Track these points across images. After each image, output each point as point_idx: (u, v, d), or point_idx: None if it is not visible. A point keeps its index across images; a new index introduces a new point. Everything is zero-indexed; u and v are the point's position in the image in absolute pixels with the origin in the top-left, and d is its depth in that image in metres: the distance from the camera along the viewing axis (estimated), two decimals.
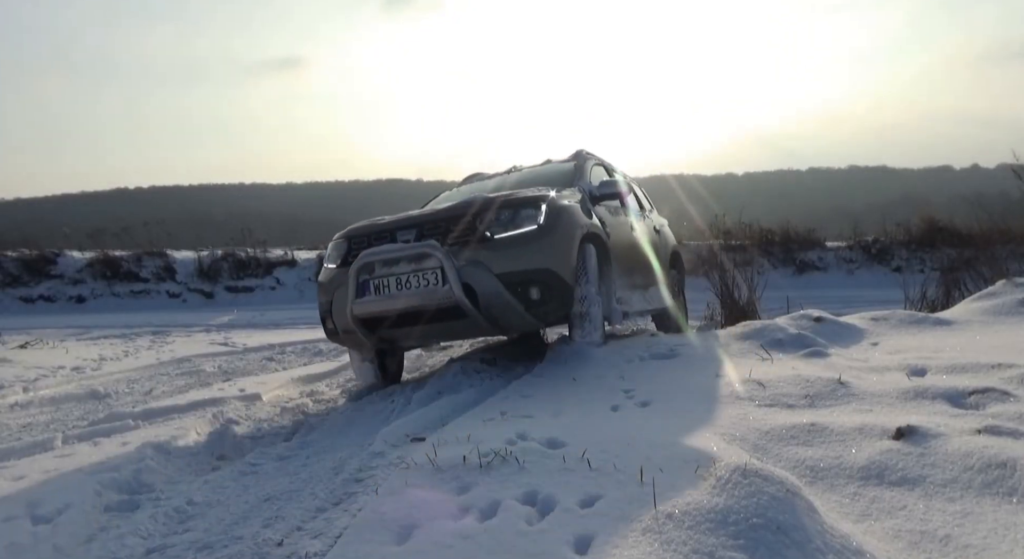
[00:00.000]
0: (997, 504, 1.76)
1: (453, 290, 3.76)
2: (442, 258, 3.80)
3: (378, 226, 4.27)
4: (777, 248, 15.48)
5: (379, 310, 3.99)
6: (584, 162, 5.55)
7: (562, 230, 4.05)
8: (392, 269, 3.95)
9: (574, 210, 4.31)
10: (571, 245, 4.07)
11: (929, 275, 7.80)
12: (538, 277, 3.85)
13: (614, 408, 2.87)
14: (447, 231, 3.99)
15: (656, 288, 6.08)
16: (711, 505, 1.59)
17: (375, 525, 1.70)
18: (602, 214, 4.89)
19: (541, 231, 3.96)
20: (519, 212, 4.02)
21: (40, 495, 2.45)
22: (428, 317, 3.92)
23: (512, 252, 3.86)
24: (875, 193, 60.79)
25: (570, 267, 4.00)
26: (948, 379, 2.84)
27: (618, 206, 5.50)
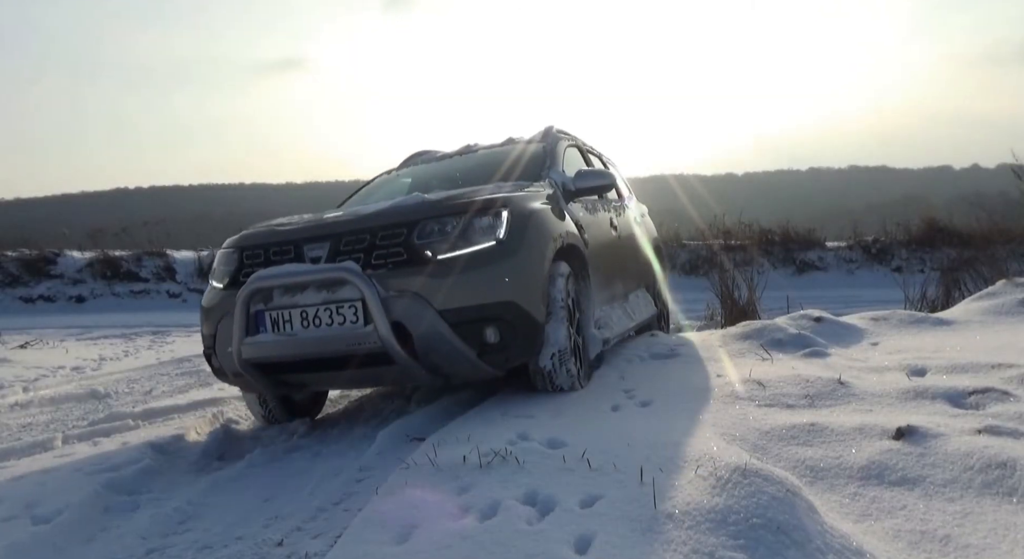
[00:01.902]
0: (997, 504, 1.76)
1: (379, 331, 2.77)
2: (363, 287, 2.79)
3: (280, 235, 3.20)
4: (777, 248, 15.47)
5: (277, 355, 2.99)
6: (555, 143, 4.40)
7: (530, 245, 3.07)
8: (296, 298, 2.94)
9: (545, 216, 3.33)
10: (541, 266, 3.10)
11: (929, 275, 7.80)
12: (496, 313, 2.87)
13: (614, 408, 2.87)
14: (372, 247, 2.96)
15: (638, 295, 5.11)
16: (711, 505, 1.59)
17: (375, 525, 1.70)
18: (578, 213, 3.90)
19: (502, 248, 2.96)
20: (472, 222, 2.98)
21: (40, 495, 2.45)
22: (346, 364, 2.95)
23: (462, 279, 2.85)
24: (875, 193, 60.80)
25: (539, 296, 3.04)
26: (948, 379, 2.84)
27: (595, 200, 4.47)
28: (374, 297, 2.79)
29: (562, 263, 3.37)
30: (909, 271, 12.77)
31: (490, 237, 2.98)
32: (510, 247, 2.99)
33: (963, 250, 10.19)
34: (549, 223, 3.34)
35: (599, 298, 4.01)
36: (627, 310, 4.59)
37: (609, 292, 4.30)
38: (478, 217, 3.01)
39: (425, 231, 2.97)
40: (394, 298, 2.83)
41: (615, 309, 4.37)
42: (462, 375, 3.07)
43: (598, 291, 3.98)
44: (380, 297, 2.80)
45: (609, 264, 4.32)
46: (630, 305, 4.73)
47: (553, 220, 3.41)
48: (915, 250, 15.09)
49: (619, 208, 5.04)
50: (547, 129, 4.64)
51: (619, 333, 4.18)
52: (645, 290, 5.36)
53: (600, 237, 4.21)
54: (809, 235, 15.98)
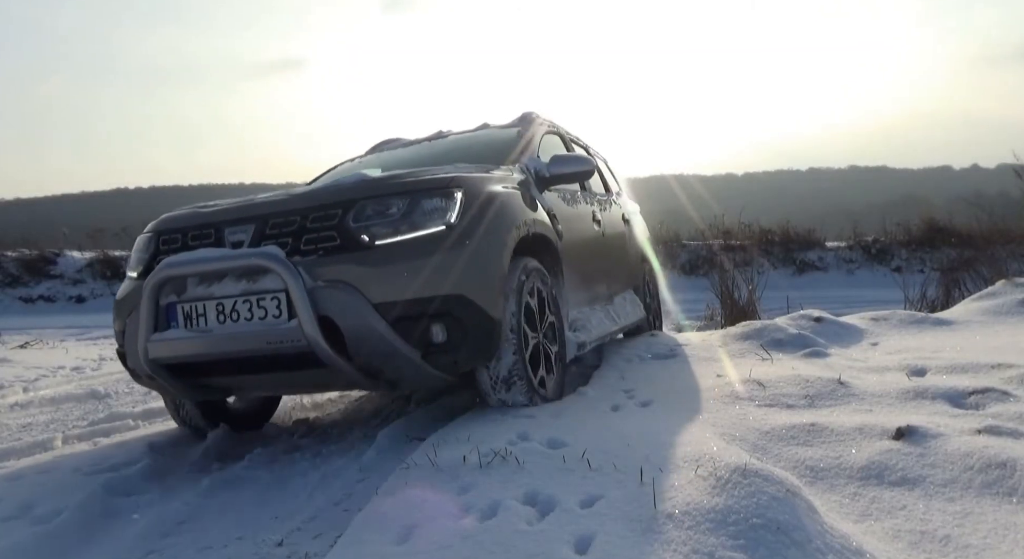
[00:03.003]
0: (997, 504, 1.76)
1: (303, 328, 2.42)
2: (286, 276, 2.45)
3: (200, 217, 2.86)
4: (777, 248, 15.48)
5: (189, 354, 2.65)
6: (531, 129, 4.03)
7: (486, 232, 2.71)
8: (212, 289, 2.60)
9: (507, 200, 2.96)
10: (499, 256, 2.74)
11: (929, 275, 7.81)
12: (444, 308, 2.51)
13: (614, 408, 2.87)
14: (302, 230, 2.62)
15: (625, 298, 4.73)
16: (711, 505, 1.59)
17: (375, 525, 1.70)
18: (553, 203, 3.53)
19: (452, 234, 2.60)
20: (419, 203, 2.63)
21: (39, 495, 2.45)
22: (269, 365, 2.62)
23: (403, 268, 2.51)
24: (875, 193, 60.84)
25: (495, 290, 2.67)
26: (948, 379, 2.84)
27: (576, 192, 4.10)
28: (298, 287, 2.44)
29: (528, 257, 3.03)
30: (909, 271, 12.78)
31: (439, 221, 2.61)
32: (462, 233, 2.62)
33: (963, 250, 10.19)
34: (512, 209, 2.96)
35: (576, 298, 3.70)
36: (610, 313, 4.23)
37: (589, 292, 3.98)
38: (426, 198, 2.64)
39: (363, 213, 2.61)
40: (322, 289, 2.48)
41: (596, 311, 4.01)
42: (408, 380, 2.70)
43: (575, 290, 3.66)
44: (306, 287, 2.46)
45: (590, 262, 3.99)
46: (615, 307, 4.37)
47: (517, 206, 3.03)
48: (915, 250, 15.10)
49: (605, 202, 4.67)
50: (525, 114, 4.28)
51: (598, 337, 3.81)
52: (634, 292, 5.04)
53: (580, 231, 3.86)
54: (809, 235, 15.99)
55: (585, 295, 3.88)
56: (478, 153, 3.69)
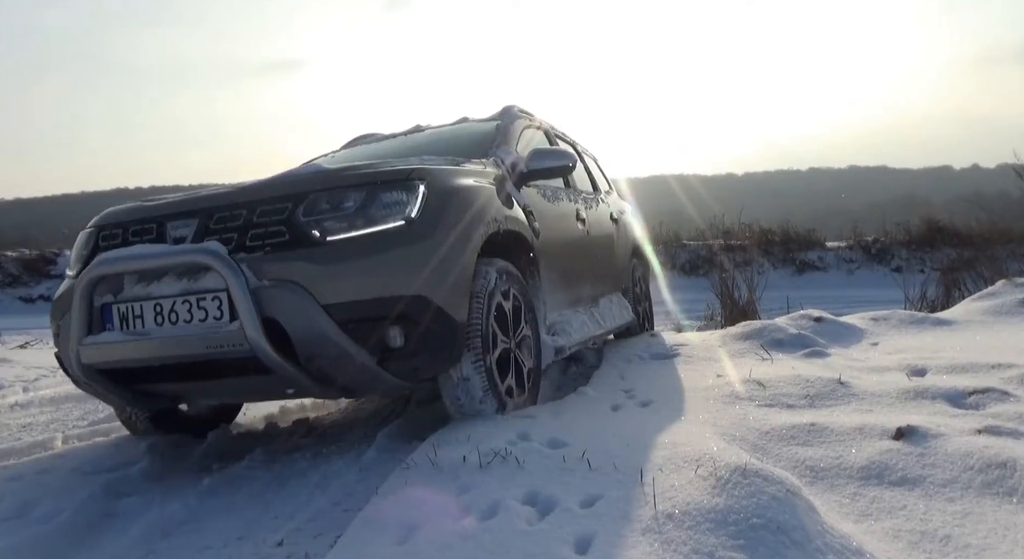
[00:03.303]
0: (997, 504, 1.76)
1: (245, 331, 2.24)
2: (227, 274, 2.27)
3: (143, 211, 2.69)
4: (777, 248, 15.49)
5: (124, 358, 2.47)
6: (511, 123, 3.82)
7: (451, 229, 2.54)
8: (151, 289, 2.43)
9: (475, 194, 2.78)
10: (464, 254, 2.56)
11: (929, 275, 7.81)
12: (402, 310, 2.34)
13: (614, 408, 2.87)
14: (249, 225, 2.44)
15: (611, 300, 4.53)
16: (711, 505, 1.59)
17: (375, 525, 1.70)
18: (532, 200, 3.37)
19: (413, 230, 2.43)
20: (377, 196, 2.45)
21: (39, 496, 2.45)
22: (212, 372, 2.45)
23: (357, 266, 2.34)
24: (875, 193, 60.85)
25: (459, 291, 2.51)
26: (948, 379, 2.84)
27: (559, 188, 3.96)
28: (240, 286, 2.25)
29: (500, 257, 2.88)
30: (909, 271, 12.78)
31: (398, 216, 2.43)
32: (424, 229, 2.45)
33: (963, 250, 10.20)
34: (480, 203, 2.76)
35: (556, 299, 3.52)
36: (594, 315, 4.05)
37: (571, 293, 3.81)
38: (385, 191, 2.46)
39: (315, 206, 2.43)
40: (268, 289, 2.29)
41: (578, 314, 3.84)
42: (363, 388, 2.56)
43: (555, 291, 3.49)
44: (249, 287, 2.26)
45: (572, 262, 3.81)
46: (599, 310, 4.20)
47: (486, 201, 2.83)
48: (915, 250, 15.11)
49: (591, 201, 4.50)
50: (506, 107, 4.08)
51: (579, 341, 3.64)
52: (622, 295, 4.86)
53: (560, 230, 3.68)
54: (809, 235, 16.01)
55: (566, 297, 3.72)
56: (455, 147, 3.54)
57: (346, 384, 2.44)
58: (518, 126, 3.85)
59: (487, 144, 3.52)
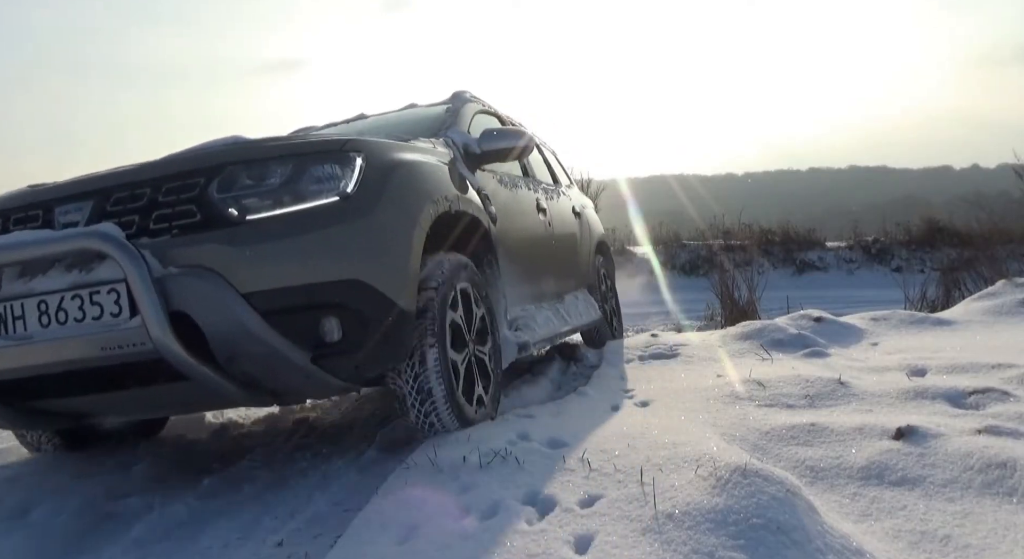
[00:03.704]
0: (997, 504, 1.76)
1: (148, 328, 1.90)
2: (125, 260, 1.91)
3: (31, 196, 2.33)
4: (777, 248, 15.48)
5: (3, 369, 2.11)
6: (462, 105, 3.59)
7: (393, 206, 2.27)
8: (33, 284, 2.07)
9: (421, 170, 2.53)
10: (409, 234, 2.30)
11: (929, 275, 7.82)
12: (337, 297, 2.07)
13: (614, 408, 2.87)
14: (153, 205, 2.11)
15: (577, 297, 4.34)
16: (711, 505, 1.59)
17: (375, 525, 1.70)
18: (487, 184, 3.13)
19: (349, 207, 2.14)
20: (305, 169, 2.15)
21: (38, 497, 2.45)
22: (114, 381, 2.12)
23: (283, 248, 2.04)
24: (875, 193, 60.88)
25: (404, 274, 2.24)
26: (948, 379, 2.84)
27: (518, 177, 3.71)
28: (141, 274, 1.89)
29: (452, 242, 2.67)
30: (909, 271, 12.79)
31: (331, 191, 2.14)
32: (362, 206, 2.16)
33: (963, 250, 10.21)
34: (427, 180, 2.51)
35: (518, 293, 3.29)
36: (560, 312, 3.85)
37: (534, 288, 3.57)
38: (316, 164, 2.16)
39: (232, 181, 2.11)
40: (175, 277, 1.95)
41: (542, 309, 3.61)
42: (298, 391, 2.26)
43: (516, 284, 3.23)
44: (152, 275, 1.91)
45: (534, 253, 3.60)
46: (565, 306, 3.99)
47: (435, 178, 2.58)
48: (915, 250, 15.11)
49: (552, 192, 4.30)
50: (456, 92, 3.82)
51: (545, 337, 3.44)
52: (588, 292, 4.65)
53: (520, 218, 3.46)
54: (809, 235, 16.01)
55: (529, 290, 3.49)
56: (402, 131, 3.20)
57: (275, 387, 2.14)
58: (470, 109, 3.63)
59: (437, 127, 3.24)
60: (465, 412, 2.47)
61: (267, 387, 2.13)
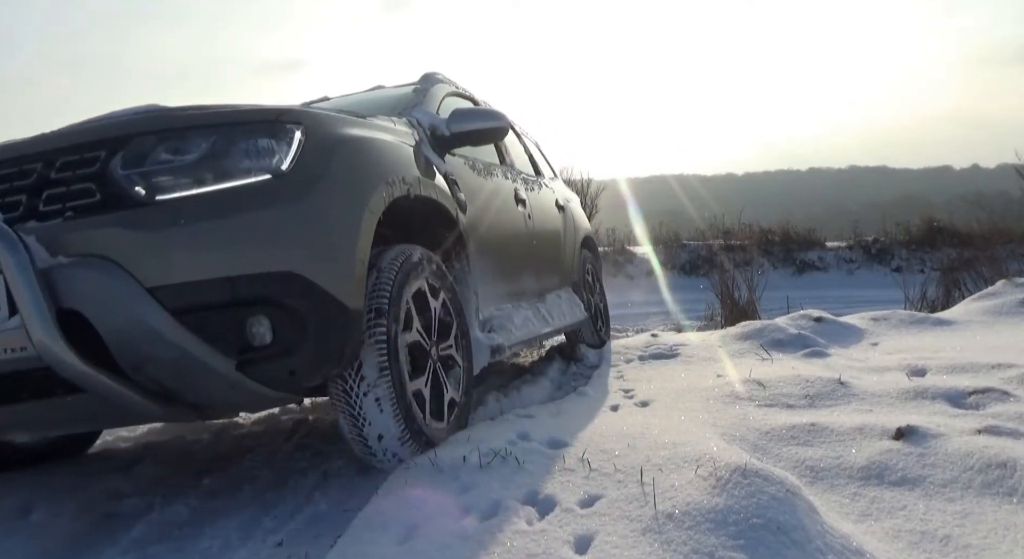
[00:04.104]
0: (997, 504, 1.76)
1: (28, 329, 1.61)
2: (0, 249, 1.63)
3: None
4: (777, 248, 15.49)
5: None
6: (432, 86, 3.32)
7: (338, 186, 1.98)
8: None
9: (378, 149, 2.26)
10: (358, 219, 2.00)
11: (929, 275, 7.82)
12: (267, 292, 1.78)
13: (614, 408, 2.87)
14: (43, 183, 1.81)
15: (560, 295, 4.08)
16: (711, 505, 1.59)
17: (375, 525, 1.70)
18: (457, 169, 2.85)
19: (283, 186, 1.86)
20: (231, 141, 1.86)
21: (38, 498, 2.45)
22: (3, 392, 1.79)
23: (200, 234, 1.76)
24: (875, 193, 60.93)
25: (348, 267, 1.94)
26: (948, 379, 2.84)
27: (494, 165, 3.43)
28: (20, 265, 1.60)
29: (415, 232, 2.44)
30: (909, 271, 12.79)
31: (262, 168, 1.84)
32: (299, 185, 1.86)
33: (963, 250, 10.21)
34: (381, 159, 2.22)
35: (492, 290, 3.02)
36: (540, 311, 3.60)
37: (511, 284, 3.31)
38: (244, 136, 1.86)
39: (140, 155, 1.79)
40: (65, 268, 1.66)
41: (521, 309, 3.35)
42: (223, 403, 1.94)
43: (491, 281, 2.97)
44: (36, 266, 1.63)
45: (511, 248, 3.31)
46: (547, 306, 3.75)
47: (392, 157, 2.28)
48: (915, 250, 15.12)
49: (532, 183, 4.02)
50: (426, 73, 3.52)
51: (523, 339, 3.17)
52: (572, 291, 4.39)
53: (496, 209, 3.17)
54: (809, 235, 16.02)
55: (505, 288, 3.22)
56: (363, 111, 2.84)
57: (198, 400, 1.84)
58: (440, 90, 3.34)
59: (402, 107, 2.95)
60: (424, 428, 2.16)
61: (186, 399, 1.82)
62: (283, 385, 1.86)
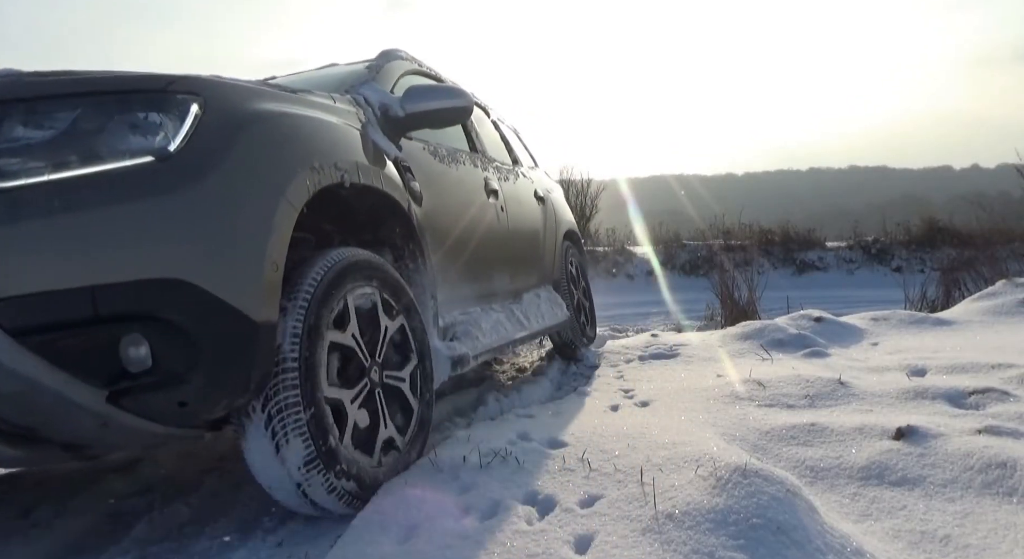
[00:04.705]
0: (997, 504, 1.76)
1: None
2: None
3: None
4: (777, 248, 15.49)
5: None
6: (388, 62, 2.93)
7: (243, 172, 1.62)
8: None
9: (301, 128, 1.89)
10: (270, 215, 1.64)
11: (929, 275, 7.82)
12: (148, 305, 1.43)
13: (614, 408, 2.87)
14: None
15: (539, 295, 3.79)
16: (711, 505, 1.59)
17: (375, 525, 1.70)
18: (414, 156, 2.53)
19: (169, 171, 1.51)
20: (103, 117, 1.51)
21: (36, 498, 2.45)
22: None
23: (53, 231, 1.38)
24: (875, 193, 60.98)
25: (263, 274, 1.59)
26: (948, 379, 2.84)
27: (461, 152, 3.10)
28: None
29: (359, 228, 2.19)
30: (909, 271, 12.80)
31: (144, 148, 1.50)
32: (190, 169, 1.52)
33: (963, 250, 10.22)
34: (305, 140, 1.86)
35: (456, 293, 2.73)
36: (515, 314, 3.31)
37: (480, 285, 2.99)
38: (121, 109, 1.51)
39: None
40: None
41: (491, 312, 3.06)
42: (98, 442, 1.59)
43: (452, 281, 2.68)
44: None
45: (480, 244, 2.98)
46: (523, 307, 3.45)
47: (320, 138, 1.94)
48: (915, 250, 15.12)
49: (507, 172, 3.70)
50: (385, 50, 3.08)
51: (492, 347, 2.87)
52: (553, 289, 4.10)
53: (462, 201, 2.87)
54: (809, 235, 16.02)
55: (472, 289, 2.92)
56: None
57: (64, 440, 1.52)
58: (397, 67, 2.95)
59: (349, 85, 2.59)
60: (354, 470, 1.81)
61: (51, 439, 1.50)
62: (173, 420, 1.53)
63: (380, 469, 1.93)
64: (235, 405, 1.62)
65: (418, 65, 3.24)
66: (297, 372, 1.67)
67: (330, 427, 1.75)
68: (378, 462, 1.94)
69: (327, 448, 1.73)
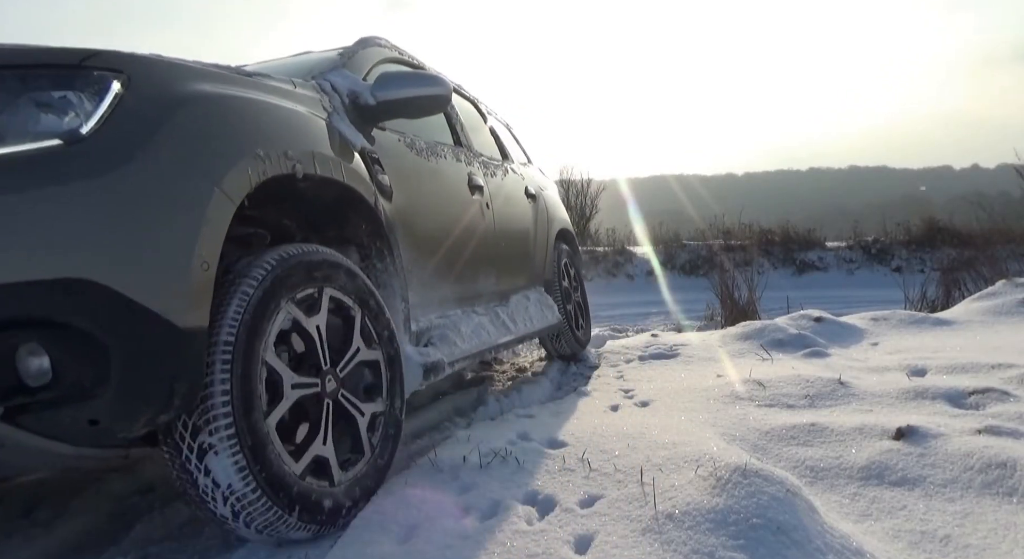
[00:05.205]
0: (997, 504, 1.76)
1: None
2: None
3: None
4: (777, 248, 15.49)
5: None
6: (362, 49, 2.76)
7: (169, 158, 1.43)
8: None
9: (244, 111, 1.71)
10: (200, 208, 1.46)
11: (929, 275, 7.82)
12: (49, 310, 1.24)
13: (614, 408, 2.87)
14: None
15: (527, 296, 3.63)
16: (711, 505, 1.59)
17: (375, 525, 1.70)
18: (387, 148, 2.37)
19: (80, 156, 1.32)
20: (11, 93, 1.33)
21: (36, 498, 2.45)
22: None
23: None
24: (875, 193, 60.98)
25: (190, 277, 1.41)
26: (948, 379, 2.85)
27: (442, 145, 2.93)
28: None
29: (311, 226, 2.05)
30: (909, 271, 12.79)
31: (50, 129, 1.34)
32: (105, 154, 1.35)
33: (963, 250, 10.22)
34: (249, 126, 1.69)
35: (433, 295, 2.56)
36: (500, 317, 3.14)
37: (461, 287, 2.82)
38: (25, 85, 1.35)
39: None
40: None
41: (473, 315, 2.89)
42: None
43: (428, 283, 2.51)
44: None
45: (461, 243, 2.82)
46: (510, 310, 3.28)
47: (272, 125, 1.78)
48: (915, 250, 15.12)
49: (495, 167, 3.53)
50: (363, 37, 2.88)
51: (472, 352, 2.70)
52: (544, 290, 3.95)
53: (440, 197, 2.71)
54: (809, 235, 16.03)
55: (452, 291, 2.74)
56: None
57: None
58: (372, 54, 2.77)
59: (317, 71, 2.41)
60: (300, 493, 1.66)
61: None
62: (84, 439, 1.36)
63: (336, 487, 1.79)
64: (157, 422, 1.42)
65: (398, 53, 3.03)
66: (229, 387, 1.49)
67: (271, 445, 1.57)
68: (335, 482, 1.79)
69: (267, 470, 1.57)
